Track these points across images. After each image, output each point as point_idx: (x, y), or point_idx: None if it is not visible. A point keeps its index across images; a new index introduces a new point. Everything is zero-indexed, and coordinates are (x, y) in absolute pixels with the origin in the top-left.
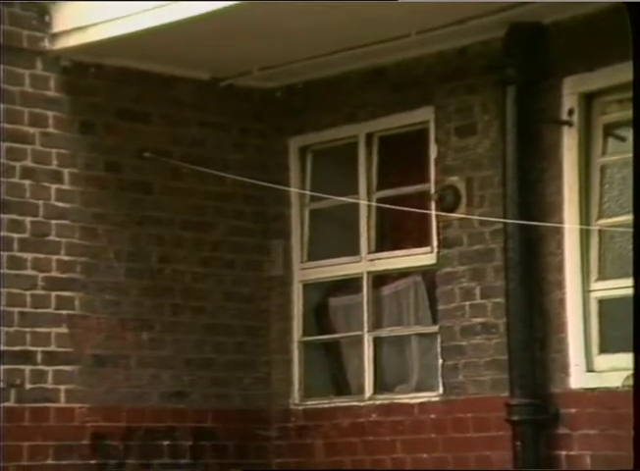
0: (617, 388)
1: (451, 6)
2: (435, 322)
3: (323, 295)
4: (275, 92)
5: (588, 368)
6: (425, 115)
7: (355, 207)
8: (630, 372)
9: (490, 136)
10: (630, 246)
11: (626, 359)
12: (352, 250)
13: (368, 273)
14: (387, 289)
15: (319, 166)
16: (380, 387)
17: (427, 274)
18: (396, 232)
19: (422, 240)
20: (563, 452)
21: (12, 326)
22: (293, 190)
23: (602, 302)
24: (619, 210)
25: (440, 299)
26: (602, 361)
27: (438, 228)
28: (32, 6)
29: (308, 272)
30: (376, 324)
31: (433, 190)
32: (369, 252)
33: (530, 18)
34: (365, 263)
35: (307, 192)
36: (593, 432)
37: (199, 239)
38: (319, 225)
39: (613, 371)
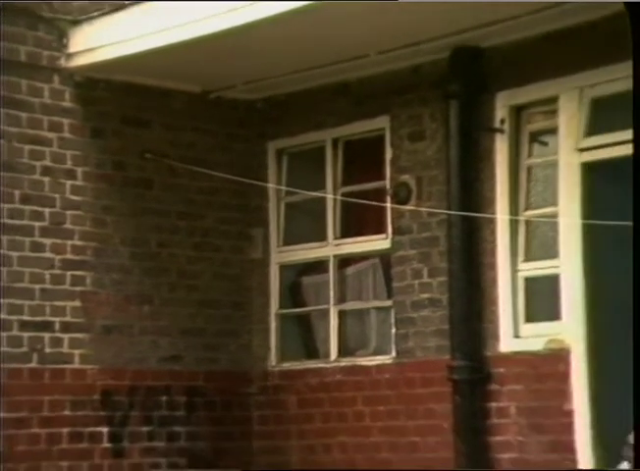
0: (539, 351)
1: (405, 30)
2: (390, 297)
3: (296, 275)
4: (256, 103)
5: (515, 335)
6: (382, 123)
7: (323, 200)
8: (550, 337)
9: (436, 142)
10: (551, 233)
11: (547, 327)
12: (321, 237)
13: (334, 256)
14: (350, 270)
15: (293, 166)
16: (343, 351)
17: (383, 257)
18: (357, 221)
19: (379, 229)
20: (494, 404)
21: (34, 300)
22: (271, 186)
23: (527, 280)
24: (543, 203)
25: (394, 278)
26: (527, 329)
27: (392, 218)
28: (53, 29)
29: (284, 255)
30: (340, 299)
31: (388, 187)
32: (335, 238)
33: (470, 42)
34: (331, 248)
35: (283, 188)
36: (518, 387)
37: (192, 227)
38: (293, 215)
39: (536, 337)
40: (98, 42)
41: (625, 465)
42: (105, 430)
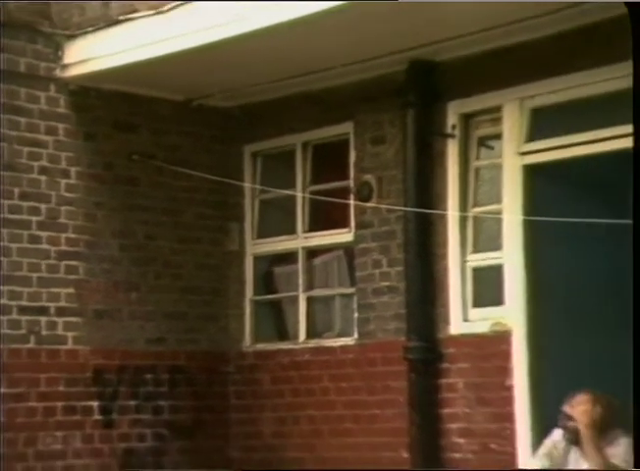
0: (485, 333)
1: (367, 45)
2: (353, 285)
3: (269, 265)
4: (233, 110)
5: (464, 319)
6: (347, 128)
7: (293, 198)
8: (494, 321)
9: (395, 145)
10: (496, 228)
11: (492, 311)
12: (291, 230)
13: (303, 248)
14: (317, 261)
15: (266, 167)
16: (311, 334)
17: (347, 249)
18: (324, 216)
19: (344, 223)
20: (444, 380)
21: (31, 287)
22: (247, 185)
23: (475, 270)
24: (489, 201)
25: (356, 268)
26: (474, 313)
27: (355, 214)
28: (50, 43)
29: (258, 247)
30: (308, 286)
31: (352, 186)
32: (304, 232)
33: (425, 57)
34: (301, 240)
35: (257, 187)
36: (466, 365)
37: (175, 222)
38: (266, 211)
39: (482, 320)
40: (91, 55)
41: (559, 433)
42: (96, 404)
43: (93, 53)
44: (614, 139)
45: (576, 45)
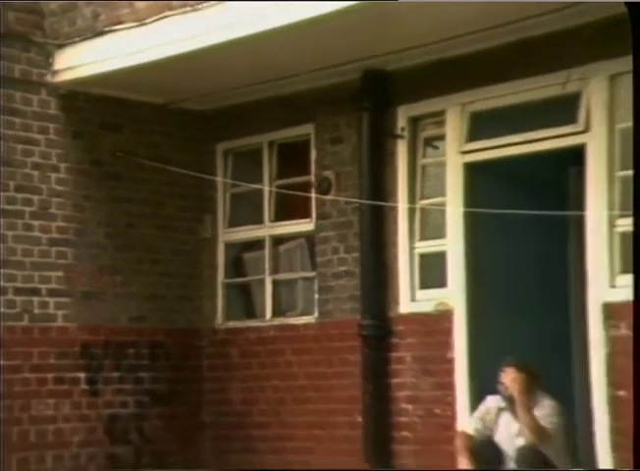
0: (430, 312)
1: (327, 55)
2: (313, 269)
3: (238, 251)
4: (207, 112)
5: (412, 299)
6: (308, 129)
7: (261, 191)
8: (438, 301)
9: (351, 145)
10: (440, 219)
11: (436, 293)
12: (258, 220)
13: (269, 236)
14: (282, 247)
15: (237, 163)
16: (276, 312)
17: (309, 237)
18: (288, 208)
19: (306, 214)
20: (394, 354)
21: (25, 270)
22: (219, 180)
23: (422, 256)
24: (434, 194)
25: (317, 254)
26: (421, 294)
27: (316, 206)
28: (42, 51)
29: (229, 235)
30: (274, 270)
31: (313, 180)
32: (270, 222)
33: (378, 66)
34: (267, 229)
35: (228, 181)
36: (413, 340)
37: (155, 213)
38: (236, 203)
39: (427, 301)
40: (79, 62)
41: (492, 399)
42: (83, 375)
43: (81, 60)
44: (546, 140)
45: (512, 57)
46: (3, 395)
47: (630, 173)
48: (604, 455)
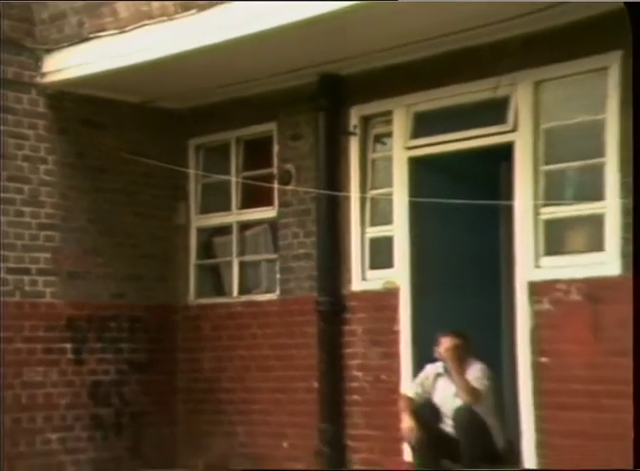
0: (379, 289)
1: (288, 61)
2: (276, 252)
3: (209, 236)
4: (181, 111)
5: (363, 278)
6: (271, 127)
7: (229, 182)
8: (386, 280)
9: (310, 141)
10: (388, 207)
11: (384, 273)
12: (227, 208)
13: (236, 222)
14: (248, 232)
15: (207, 157)
16: (242, 290)
17: (272, 223)
18: (253, 197)
19: (269, 202)
20: (347, 327)
21: (17, 252)
22: (192, 171)
23: (372, 240)
24: (382, 185)
25: (279, 238)
26: (371, 274)
27: (278, 195)
28: (32, 55)
29: (200, 221)
30: (241, 253)
31: (275, 172)
32: (237, 209)
33: (333, 71)
34: (235, 216)
35: (200, 173)
36: (363, 315)
37: (133, 201)
38: (207, 192)
39: (376, 280)
40: (65, 65)
41: (430, 367)
42: (69, 346)
43: (67, 64)
44: (480, 138)
45: (451, 64)
46: None
47: (553, 167)
48: (527, 413)
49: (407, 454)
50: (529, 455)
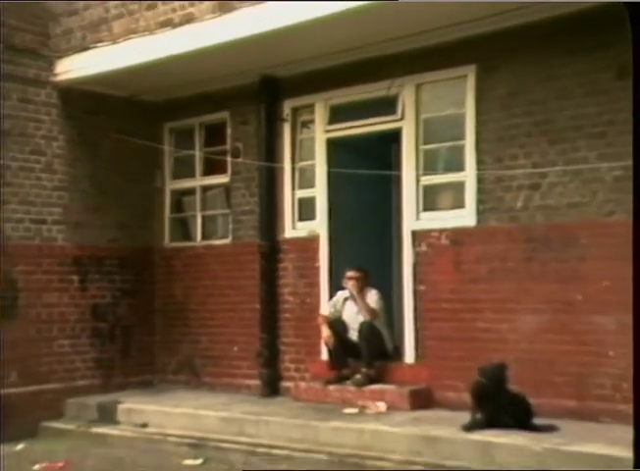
0: (305, 236)
1: (237, 64)
2: (229, 208)
3: (179, 196)
4: (158, 102)
5: (293, 228)
6: (225, 115)
7: (194, 156)
8: (310, 229)
9: (254, 125)
10: (312, 175)
11: (309, 224)
12: (192, 175)
13: (200, 186)
14: (208, 193)
15: (178, 137)
16: (204, 237)
17: (226, 186)
18: (212, 167)
19: (223, 171)
20: (281, 264)
21: (36, 207)
22: (166, 148)
23: (300, 199)
24: (307, 158)
25: (232, 199)
26: (299, 225)
27: (231, 166)
28: (47, 60)
29: (173, 185)
30: (203, 209)
31: (229, 149)
32: (200, 176)
33: (271, 73)
34: (198, 181)
35: (172, 149)
36: (293, 255)
37: (123, 170)
38: (178, 164)
39: (303, 229)
40: (72, 68)
41: (340, 293)
42: (76, 277)
43: (73, 67)
44: (377, 125)
45: (357, 70)
46: (23, 289)
47: (429, 146)
48: (409, 325)
49: (324, 355)
50: (410, 353)
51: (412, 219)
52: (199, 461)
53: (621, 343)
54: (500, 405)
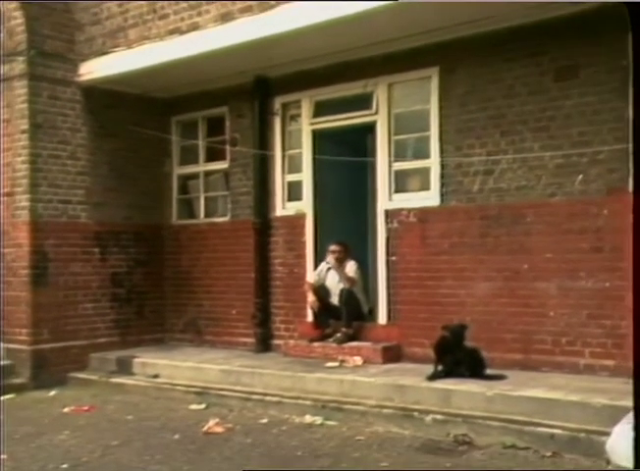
0: (293, 215)
1: (233, 66)
2: (228, 190)
3: (185, 180)
4: (166, 99)
5: (283, 208)
6: (224, 109)
7: (197, 145)
8: (297, 208)
9: (249, 118)
10: (299, 162)
11: (297, 204)
12: (196, 161)
13: (203, 171)
14: (210, 178)
15: (184, 129)
16: (207, 215)
17: (225, 171)
18: (213, 154)
19: (223, 158)
20: (273, 238)
21: (63, 189)
22: (174, 138)
23: (289, 183)
24: (296, 147)
25: (230, 182)
26: (288, 205)
27: (230, 153)
28: (72, 63)
29: (180, 170)
30: (206, 191)
31: (228, 139)
32: (203, 162)
33: (263, 74)
34: (202, 167)
35: (179, 139)
36: (283, 231)
37: (137, 157)
38: (184, 151)
39: (291, 208)
40: (93, 70)
41: (323, 264)
42: (97, 250)
43: (94, 69)
44: (355, 118)
45: (337, 71)
46: (52, 260)
47: (399, 137)
48: (382, 291)
49: (309, 317)
50: (383, 315)
51: (385, 199)
52: (203, 406)
53: (561, 305)
54: (458, 358)
